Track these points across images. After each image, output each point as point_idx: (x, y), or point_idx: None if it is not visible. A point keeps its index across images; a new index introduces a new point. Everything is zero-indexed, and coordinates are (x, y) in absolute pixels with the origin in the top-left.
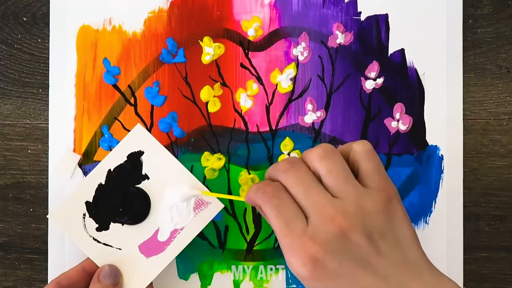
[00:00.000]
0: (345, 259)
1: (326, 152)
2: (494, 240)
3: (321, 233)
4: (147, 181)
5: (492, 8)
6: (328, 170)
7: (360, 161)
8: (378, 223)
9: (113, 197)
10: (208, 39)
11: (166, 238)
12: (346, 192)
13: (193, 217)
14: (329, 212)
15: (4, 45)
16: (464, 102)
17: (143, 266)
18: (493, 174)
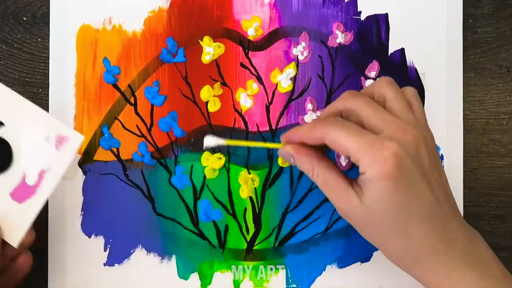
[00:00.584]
0: (416, 167)
1: (392, 80)
2: (494, 240)
3: (398, 139)
4: (3, 127)
5: (492, 8)
6: (395, 95)
7: (413, 100)
8: (434, 153)
9: None
10: (208, 39)
11: (35, 181)
12: (410, 117)
13: (57, 154)
14: (401, 125)
15: (4, 45)
16: (464, 102)
17: (18, 213)
18: (493, 174)
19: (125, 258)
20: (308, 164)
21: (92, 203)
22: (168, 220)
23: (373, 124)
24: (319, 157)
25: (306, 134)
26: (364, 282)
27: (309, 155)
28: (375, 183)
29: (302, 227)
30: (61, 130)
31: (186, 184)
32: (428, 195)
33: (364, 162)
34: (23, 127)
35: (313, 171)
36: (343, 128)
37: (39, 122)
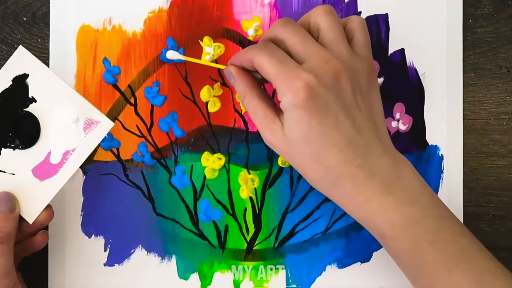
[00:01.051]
0: (333, 98)
1: (331, 9)
2: (494, 240)
3: (317, 69)
4: (35, 104)
5: (492, 8)
6: (330, 26)
7: (357, 31)
8: (362, 83)
9: (2, 122)
10: (208, 39)
11: (58, 160)
12: (341, 48)
13: (84, 137)
14: (325, 55)
15: (4, 45)
16: (464, 102)
17: (37, 190)
18: (493, 174)
19: (125, 258)
20: (243, 88)
21: (92, 203)
22: (168, 220)
23: (298, 53)
24: (253, 86)
25: (242, 56)
26: (364, 282)
27: (245, 80)
28: (290, 111)
29: (302, 227)
30: (92, 113)
31: (186, 184)
32: (347, 126)
33: (280, 90)
34: (54, 106)
35: (245, 97)
36: (268, 53)
37: (71, 102)
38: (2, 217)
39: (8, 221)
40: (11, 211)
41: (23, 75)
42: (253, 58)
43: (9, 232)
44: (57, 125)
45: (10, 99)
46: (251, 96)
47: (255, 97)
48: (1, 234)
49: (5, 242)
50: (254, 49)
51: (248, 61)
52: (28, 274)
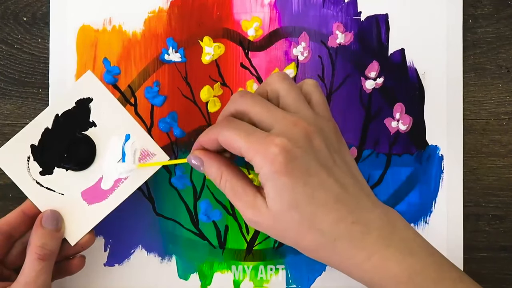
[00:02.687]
0: (311, 158)
1: (286, 75)
2: (494, 240)
3: (288, 133)
4: (94, 128)
5: (492, 8)
6: (288, 90)
7: (313, 93)
8: (332, 141)
9: (59, 142)
10: (208, 39)
11: (109, 187)
12: (304, 110)
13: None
14: (292, 119)
15: (4, 45)
16: (464, 102)
17: (84, 213)
18: (493, 174)
19: (125, 258)
20: (216, 170)
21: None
22: (168, 221)
23: (263, 122)
24: (228, 164)
25: (204, 138)
26: None
27: (217, 161)
28: (271, 180)
29: None
30: (149, 145)
31: (186, 185)
32: (332, 183)
33: (256, 161)
34: (113, 133)
35: (221, 178)
36: (233, 128)
37: (131, 132)
38: (48, 235)
39: (53, 239)
40: (57, 230)
41: (87, 98)
42: (218, 137)
43: (53, 250)
44: (113, 152)
45: (71, 121)
46: (227, 175)
47: (232, 176)
48: (45, 251)
49: (47, 259)
50: (216, 128)
51: (213, 141)
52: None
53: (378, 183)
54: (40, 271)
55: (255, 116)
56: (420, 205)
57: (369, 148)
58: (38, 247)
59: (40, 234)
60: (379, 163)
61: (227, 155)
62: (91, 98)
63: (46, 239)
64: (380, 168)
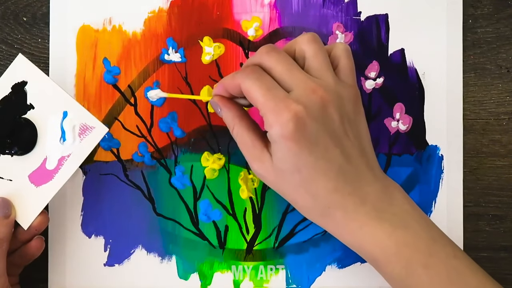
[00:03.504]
0: (322, 128)
1: (315, 37)
2: (494, 240)
3: (304, 99)
4: (33, 110)
5: (492, 8)
6: (315, 53)
7: (342, 58)
8: (349, 110)
9: (1, 129)
10: (208, 39)
11: (54, 166)
12: (327, 76)
13: (79, 143)
14: (311, 85)
15: (4, 45)
16: (464, 102)
17: (33, 196)
18: (493, 174)
19: (125, 258)
20: (230, 120)
21: (92, 203)
22: (168, 221)
23: (284, 82)
24: (242, 116)
25: (228, 82)
26: (364, 282)
27: (232, 110)
28: (278, 143)
29: (302, 227)
30: (87, 119)
31: (186, 185)
32: (336, 154)
33: (268, 119)
34: (51, 112)
35: (234, 128)
36: (257, 79)
37: (67, 108)
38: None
39: (2, 226)
40: (6, 216)
41: (22, 82)
42: (241, 83)
43: (3, 237)
44: (53, 131)
45: (9, 106)
46: (240, 127)
47: (244, 128)
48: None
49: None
50: (242, 74)
51: (235, 86)
52: (28, 274)
53: None
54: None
55: (277, 75)
56: (420, 205)
57: None
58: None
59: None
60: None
61: (244, 102)
62: (26, 81)
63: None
64: None
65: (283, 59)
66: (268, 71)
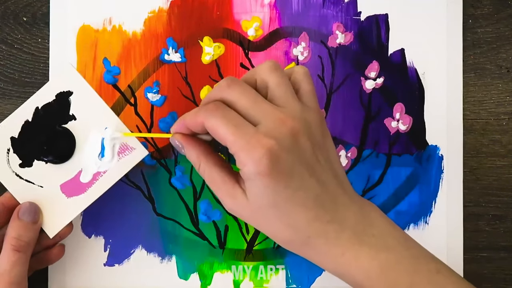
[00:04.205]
0: (295, 159)
1: (276, 65)
2: (494, 240)
3: (274, 132)
4: (74, 121)
5: (492, 8)
6: (278, 82)
7: (302, 82)
8: (317, 136)
9: (39, 135)
10: (208, 39)
11: (88, 180)
12: (292, 104)
13: (117, 161)
14: (279, 116)
15: (4, 45)
16: (464, 102)
17: (63, 206)
18: (493, 174)
19: (125, 258)
20: (195, 158)
21: (92, 203)
22: (168, 221)
23: (250, 115)
24: (207, 152)
25: (190, 120)
26: None
27: (196, 147)
28: (254, 179)
29: None
30: (129, 139)
31: (186, 185)
32: (312, 182)
33: (240, 157)
34: (93, 127)
35: (200, 166)
36: (222, 117)
37: (110, 126)
38: (24, 227)
39: (29, 231)
40: (34, 222)
41: (67, 92)
42: (205, 121)
43: (29, 242)
44: (92, 145)
45: (51, 114)
46: (206, 165)
47: (211, 165)
48: (20, 243)
49: (23, 251)
50: (205, 111)
51: (198, 124)
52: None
53: (378, 183)
54: (15, 262)
55: (242, 109)
56: (420, 205)
57: (369, 148)
58: (13, 238)
59: (16, 226)
60: (379, 163)
61: (207, 138)
62: (71, 92)
63: (22, 231)
64: (380, 168)
65: (246, 92)
66: (232, 105)
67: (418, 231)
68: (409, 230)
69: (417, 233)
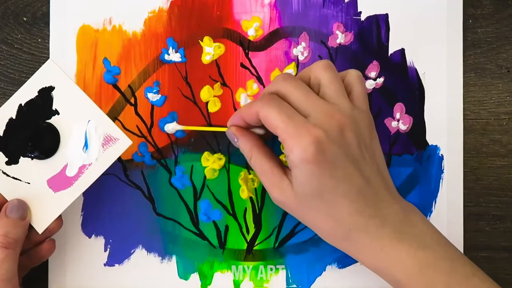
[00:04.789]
0: (341, 151)
1: (330, 65)
2: (494, 240)
3: (323, 124)
4: (57, 116)
5: (492, 8)
6: (330, 80)
7: (355, 84)
8: (365, 135)
9: (23, 132)
10: (208, 39)
11: (74, 174)
12: (342, 102)
13: (102, 153)
14: (329, 110)
15: (4, 45)
16: (464, 102)
17: (50, 201)
18: (493, 174)
19: (125, 258)
20: (248, 149)
21: (92, 203)
22: (168, 220)
23: (302, 108)
24: (259, 145)
25: (245, 111)
26: (364, 282)
27: (250, 139)
28: (299, 167)
29: (302, 227)
30: (112, 130)
31: (186, 185)
32: (356, 177)
33: (288, 144)
34: (76, 120)
35: (251, 157)
36: (275, 106)
37: (93, 118)
38: (12, 223)
39: (17, 227)
40: (22, 218)
41: (49, 87)
42: (259, 111)
43: (17, 238)
44: (76, 139)
45: (34, 110)
46: (258, 156)
47: (262, 156)
48: (8, 240)
49: (12, 248)
50: (259, 102)
51: (253, 115)
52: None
53: None
54: (3, 259)
55: (295, 101)
56: (420, 205)
57: None
58: (1, 235)
59: (3, 223)
60: None
61: (260, 131)
62: (53, 87)
63: (9, 228)
64: None
65: (300, 86)
66: (285, 98)
67: None
68: None
69: None
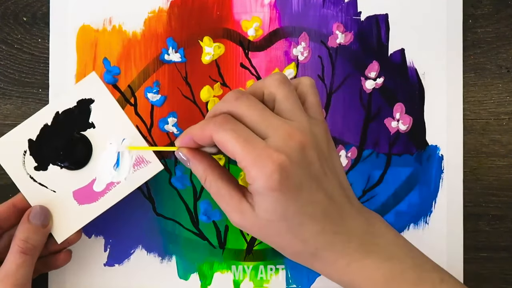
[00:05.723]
0: (304, 173)
1: (285, 79)
2: (494, 240)
3: (284, 146)
4: (93, 129)
5: (492, 8)
6: (286, 96)
7: (308, 94)
8: (324, 148)
9: (57, 140)
10: (208, 39)
11: (101, 189)
12: (299, 117)
13: (131, 173)
14: (288, 129)
15: (4, 45)
16: (464, 102)
17: (74, 212)
18: (493, 174)
19: (125, 259)
20: (201, 172)
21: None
22: (168, 221)
23: (259, 129)
24: (213, 166)
25: (197, 133)
26: None
27: (203, 161)
28: (264, 194)
29: None
30: (145, 152)
31: (186, 185)
32: (320, 196)
33: (250, 172)
34: (110, 136)
35: (206, 180)
36: (230, 130)
37: (129, 137)
38: (33, 230)
39: (38, 234)
40: (44, 226)
41: (89, 99)
42: (214, 135)
43: (36, 245)
44: (108, 155)
45: (71, 120)
46: (212, 179)
47: (217, 179)
48: (28, 245)
49: (30, 254)
50: (213, 124)
51: (206, 137)
52: None
53: (378, 183)
54: (20, 264)
55: (250, 122)
56: (420, 205)
57: (369, 148)
58: (21, 240)
59: (25, 228)
60: (379, 163)
61: (212, 150)
62: (93, 100)
63: (30, 234)
64: (380, 168)
65: (254, 105)
66: (240, 118)
67: (418, 231)
68: (409, 230)
69: (417, 233)
